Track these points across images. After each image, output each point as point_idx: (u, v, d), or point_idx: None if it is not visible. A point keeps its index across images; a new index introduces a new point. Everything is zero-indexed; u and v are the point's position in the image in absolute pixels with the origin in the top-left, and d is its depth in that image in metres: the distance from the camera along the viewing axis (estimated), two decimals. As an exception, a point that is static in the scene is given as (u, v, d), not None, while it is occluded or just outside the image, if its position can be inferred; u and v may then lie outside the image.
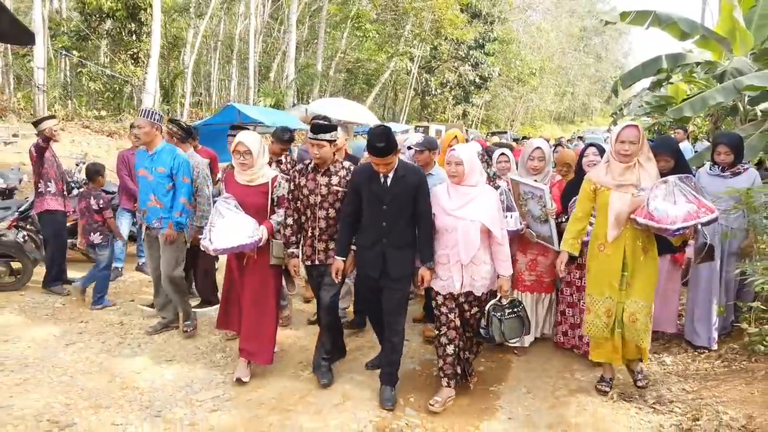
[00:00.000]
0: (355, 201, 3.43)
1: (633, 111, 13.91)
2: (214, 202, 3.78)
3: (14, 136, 11.78)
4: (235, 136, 4.05)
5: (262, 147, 3.66)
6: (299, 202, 3.65)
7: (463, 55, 27.05)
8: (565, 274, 3.94)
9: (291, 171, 3.97)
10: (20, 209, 5.80)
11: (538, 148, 4.20)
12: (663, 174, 3.44)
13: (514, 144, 16.71)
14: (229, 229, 3.39)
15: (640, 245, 3.33)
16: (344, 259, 3.48)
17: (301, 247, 3.73)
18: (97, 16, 15.29)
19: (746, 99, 7.79)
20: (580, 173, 4.02)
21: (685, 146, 9.30)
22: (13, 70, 16.87)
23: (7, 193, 6.41)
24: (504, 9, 30.20)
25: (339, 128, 3.72)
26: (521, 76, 33.66)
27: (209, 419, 3.30)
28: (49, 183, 5.30)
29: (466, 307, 3.46)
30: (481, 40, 27.22)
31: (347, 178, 3.56)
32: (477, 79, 28.55)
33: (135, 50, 15.77)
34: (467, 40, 24.59)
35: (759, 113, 8.14)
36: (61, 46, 15.62)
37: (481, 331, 3.40)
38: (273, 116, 10.22)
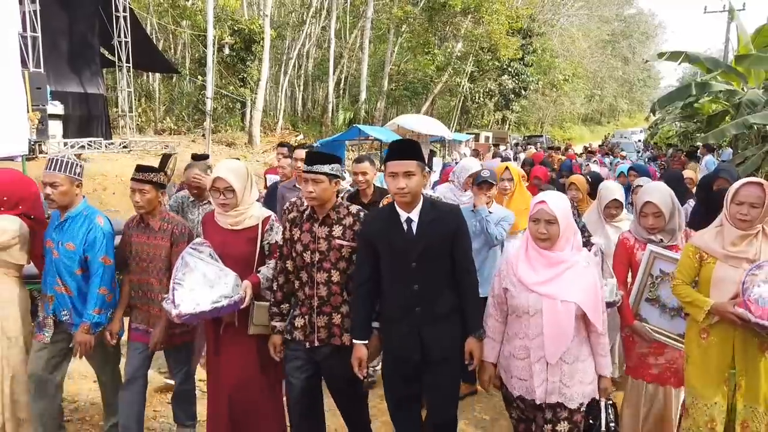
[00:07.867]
0: (370, 260, 2.56)
1: (668, 121, 16.74)
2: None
3: (172, 147, 14.82)
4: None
5: (249, 182, 2.85)
6: (291, 261, 2.74)
7: (505, 66, 29.70)
8: None
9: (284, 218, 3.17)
10: None
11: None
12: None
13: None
14: (201, 285, 2.55)
15: (756, 340, 2.54)
16: (365, 342, 2.59)
17: (290, 321, 2.79)
18: (218, 46, 18.63)
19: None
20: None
21: (709, 159, 10.84)
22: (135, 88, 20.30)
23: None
24: (541, 21, 32.85)
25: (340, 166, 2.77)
26: (555, 82, 36.25)
27: None
28: None
29: (549, 417, 2.41)
30: (521, 53, 29.87)
31: (355, 228, 2.66)
32: (517, 88, 31.20)
33: (244, 75, 19.06)
34: (515, 57, 27.14)
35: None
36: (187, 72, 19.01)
37: None
38: (386, 134, 13.22)
